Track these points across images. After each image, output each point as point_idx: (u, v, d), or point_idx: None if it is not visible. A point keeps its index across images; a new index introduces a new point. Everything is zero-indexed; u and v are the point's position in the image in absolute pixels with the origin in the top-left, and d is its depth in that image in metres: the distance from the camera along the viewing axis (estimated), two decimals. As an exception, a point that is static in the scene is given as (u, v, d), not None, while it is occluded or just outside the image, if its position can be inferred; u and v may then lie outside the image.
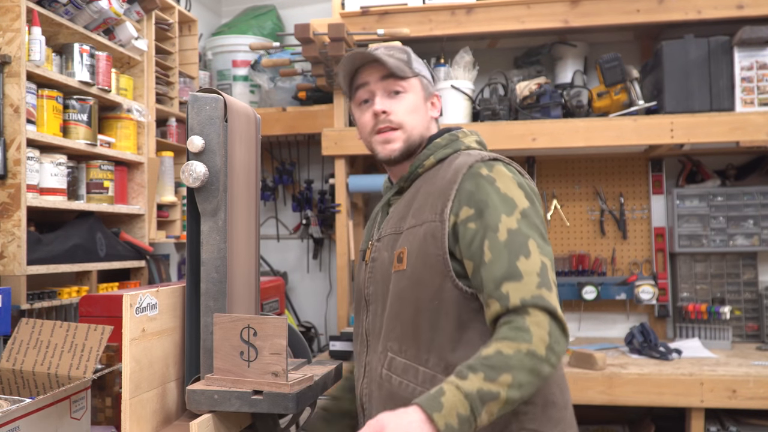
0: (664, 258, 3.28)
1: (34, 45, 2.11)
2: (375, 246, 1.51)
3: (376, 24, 3.06)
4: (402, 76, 1.48)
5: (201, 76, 3.36)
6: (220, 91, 1.46)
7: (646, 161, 3.33)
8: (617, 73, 2.91)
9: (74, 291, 2.31)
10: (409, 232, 1.41)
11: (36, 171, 2.14)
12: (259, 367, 1.28)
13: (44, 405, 1.43)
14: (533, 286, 1.23)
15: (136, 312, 1.31)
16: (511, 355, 1.18)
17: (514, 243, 1.28)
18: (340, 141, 3.02)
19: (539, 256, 1.27)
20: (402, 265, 1.39)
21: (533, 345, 1.19)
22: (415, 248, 1.38)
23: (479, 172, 1.37)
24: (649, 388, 2.57)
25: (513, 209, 1.32)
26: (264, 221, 3.75)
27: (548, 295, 1.23)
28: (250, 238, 1.59)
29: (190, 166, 1.41)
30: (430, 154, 1.50)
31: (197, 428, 1.25)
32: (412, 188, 1.50)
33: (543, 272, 1.26)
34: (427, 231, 1.37)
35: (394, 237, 1.46)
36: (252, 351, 1.28)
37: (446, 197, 1.37)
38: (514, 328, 1.21)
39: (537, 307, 1.22)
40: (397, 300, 1.40)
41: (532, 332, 1.19)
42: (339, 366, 1.61)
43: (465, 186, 1.36)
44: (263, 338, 1.28)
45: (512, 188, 1.35)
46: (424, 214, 1.40)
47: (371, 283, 1.50)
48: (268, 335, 1.27)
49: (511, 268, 1.25)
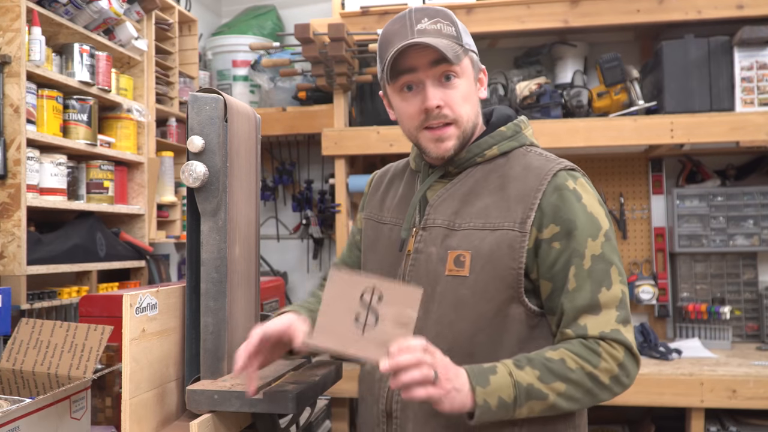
0: (664, 258, 3.28)
1: (34, 45, 2.11)
2: (421, 235, 1.33)
3: (376, 24, 3.05)
4: (457, 61, 1.26)
5: (201, 76, 3.36)
6: (220, 91, 1.46)
7: (646, 161, 3.33)
8: (617, 73, 2.91)
9: (74, 291, 2.31)
10: (471, 234, 1.28)
11: (36, 171, 2.14)
12: (375, 337, 1.10)
13: (44, 405, 1.43)
14: (612, 320, 1.21)
15: (136, 312, 1.31)
16: (574, 369, 1.18)
17: (598, 272, 1.23)
18: (340, 141, 3.02)
19: (619, 285, 1.24)
20: (463, 270, 1.26)
21: (598, 371, 1.19)
22: (483, 255, 1.25)
23: (565, 183, 1.26)
24: (649, 388, 2.57)
25: (598, 231, 1.24)
26: (264, 221, 3.75)
27: (625, 331, 1.22)
28: (250, 238, 1.59)
29: (190, 166, 1.41)
30: (493, 143, 1.34)
31: (197, 428, 1.25)
32: (465, 177, 1.34)
33: (622, 305, 1.23)
34: (502, 239, 1.25)
35: (445, 232, 1.30)
36: (371, 317, 1.11)
37: (528, 205, 1.25)
38: (587, 348, 1.20)
39: (615, 341, 1.20)
40: (452, 309, 1.27)
41: (603, 358, 1.19)
42: (339, 366, 1.61)
43: (550, 198, 1.25)
44: (390, 304, 1.10)
45: (596, 206, 1.27)
46: (494, 216, 1.27)
47: (412, 278, 1.32)
48: (396, 302, 1.10)
49: (593, 301, 1.22)
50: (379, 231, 1.44)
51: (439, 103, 1.27)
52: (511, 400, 1.15)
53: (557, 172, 1.27)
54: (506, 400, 1.15)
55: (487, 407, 1.14)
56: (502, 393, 1.14)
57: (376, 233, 1.44)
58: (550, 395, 1.17)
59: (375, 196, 1.51)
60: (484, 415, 1.15)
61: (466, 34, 1.33)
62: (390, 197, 1.47)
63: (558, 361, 1.18)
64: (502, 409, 1.15)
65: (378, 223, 1.45)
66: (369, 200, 1.53)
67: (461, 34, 1.30)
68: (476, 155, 1.33)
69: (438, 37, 1.27)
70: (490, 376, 1.15)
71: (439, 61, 1.26)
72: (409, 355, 1.07)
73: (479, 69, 1.36)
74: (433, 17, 1.29)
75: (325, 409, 2.46)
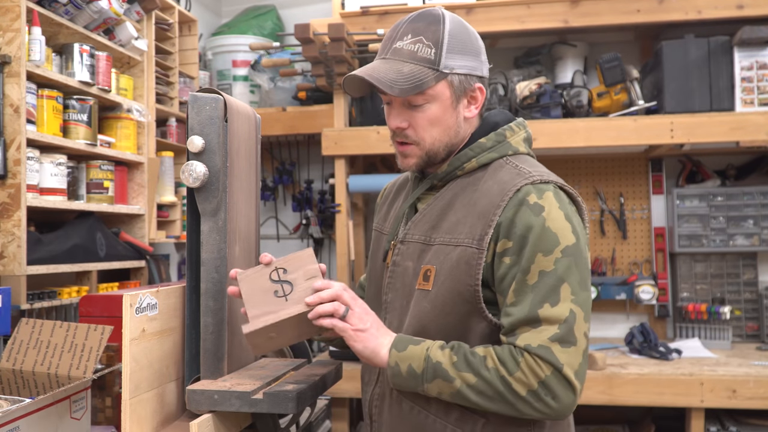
0: (664, 258, 3.28)
1: (34, 45, 2.11)
2: (398, 249, 1.38)
3: (376, 24, 3.05)
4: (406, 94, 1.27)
5: (201, 76, 3.36)
6: (220, 91, 1.46)
7: (646, 161, 3.33)
8: (617, 73, 2.91)
9: (74, 291, 2.31)
10: (439, 249, 1.30)
11: (36, 171, 2.14)
12: (299, 295, 1.28)
13: (44, 405, 1.43)
14: (546, 336, 1.17)
15: (136, 312, 1.31)
16: (489, 368, 1.19)
17: (542, 287, 1.19)
18: (340, 141, 3.02)
19: (568, 304, 1.18)
20: (428, 284, 1.30)
21: (512, 378, 1.17)
22: (445, 271, 1.28)
23: (526, 199, 1.24)
24: (649, 388, 2.57)
25: (554, 247, 1.20)
26: (264, 221, 3.75)
27: (559, 351, 1.16)
28: (250, 238, 1.59)
29: (190, 166, 1.41)
30: (472, 156, 1.34)
31: (197, 428, 1.25)
32: (446, 190, 1.36)
33: (566, 325, 1.17)
34: (461, 256, 1.26)
35: (421, 247, 1.34)
36: (287, 286, 1.29)
37: (487, 222, 1.25)
38: (510, 355, 1.19)
39: (539, 357, 1.17)
40: (418, 322, 1.31)
41: (521, 369, 1.17)
42: (339, 366, 1.61)
43: (508, 213, 1.24)
44: (294, 271, 1.29)
45: (559, 221, 1.23)
46: (460, 233, 1.29)
47: (390, 290, 1.39)
48: (298, 267, 1.30)
49: (531, 315, 1.19)
50: (379, 241, 1.51)
51: (402, 125, 1.33)
52: (420, 371, 1.23)
53: (522, 187, 1.25)
54: (416, 370, 1.23)
55: (397, 370, 1.25)
56: (413, 362, 1.24)
57: (377, 243, 1.51)
58: (457, 381, 1.21)
59: (383, 207, 1.58)
60: (395, 378, 1.26)
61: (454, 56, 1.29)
62: (394, 208, 1.52)
63: (480, 356, 1.21)
64: (411, 378, 1.24)
65: (380, 233, 1.52)
66: (378, 211, 1.60)
67: (441, 58, 1.28)
68: (456, 168, 1.35)
69: (407, 61, 1.28)
70: (410, 345, 1.25)
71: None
72: (329, 290, 1.25)
73: (467, 89, 1.33)
74: (418, 35, 1.29)
75: (325, 409, 2.46)
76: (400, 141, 1.36)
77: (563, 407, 1.18)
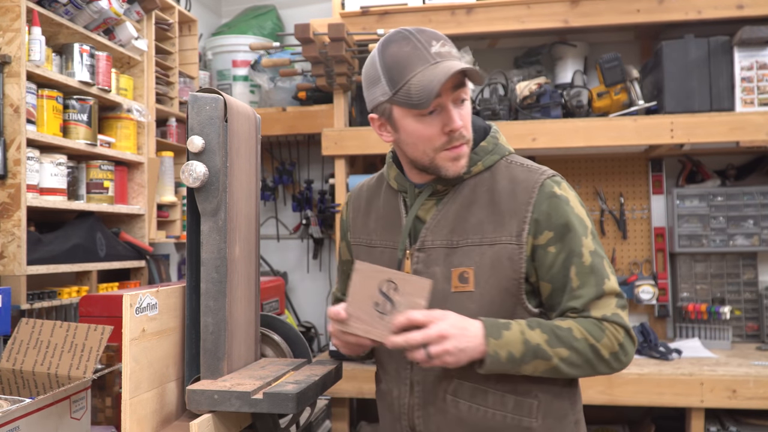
0: (664, 258, 3.29)
1: (34, 45, 2.11)
2: (417, 257, 1.38)
3: (376, 24, 3.05)
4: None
5: (201, 76, 3.36)
6: (220, 91, 1.46)
7: (646, 161, 3.33)
8: (617, 73, 2.91)
9: (74, 291, 2.31)
10: (470, 250, 1.34)
11: (36, 171, 2.14)
12: (390, 323, 1.26)
13: (44, 405, 1.43)
14: (613, 305, 1.33)
15: (136, 312, 1.31)
16: (578, 339, 1.28)
17: (597, 266, 1.33)
18: (340, 141, 3.02)
19: (613, 276, 1.35)
20: (468, 286, 1.33)
21: (600, 345, 1.29)
22: (485, 270, 1.33)
23: (553, 191, 1.35)
24: (649, 388, 2.57)
25: (587, 230, 1.35)
26: (264, 221, 3.75)
27: (624, 315, 1.34)
28: (250, 238, 1.59)
29: (190, 166, 1.41)
30: (478, 159, 1.39)
31: (197, 428, 1.25)
32: (454, 194, 1.38)
33: (620, 294, 1.35)
34: (501, 253, 1.32)
35: (446, 251, 1.36)
36: (388, 304, 1.27)
37: (521, 218, 1.33)
38: (593, 323, 1.30)
39: (616, 323, 1.31)
40: None
41: (606, 335, 1.30)
42: (339, 366, 1.61)
43: (541, 207, 1.33)
44: (403, 294, 1.27)
45: (579, 207, 1.37)
46: (489, 231, 1.34)
47: None
48: (408, 293, 1.26)
49: (598, 292, 1.32)
50: (372, 254, 1.47)
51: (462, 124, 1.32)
52: (520, 355, 1.26)
53: (543, 182, 1.35)
54: (515, 354, 1.26)
55: (497, 357, 1.26)
56: (512, 348, 1.26)
57: (369, 257, 1.46)
58: (554, 358, 1.28)
59: (357, 220, 1.53)
60: (493, 365, 1.26)
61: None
62: (372, 219, 1.49)
63: (566, 329, 1.29)
64: (509, 363, 1.27)
65: (369, 247, 1.48)
66: (352, 225, 1.55)
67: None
68: (465, 173, 1.38)
69: (460, 60, 1.31)
70: (503, 331, 1.27)
71: (459, 85, 1.29)
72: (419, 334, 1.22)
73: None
74: (439, 40, 1.30)
75: (325, 409, 2.46)
76: (456, 144, 1.32)
77: (630, 359, 1.34)
